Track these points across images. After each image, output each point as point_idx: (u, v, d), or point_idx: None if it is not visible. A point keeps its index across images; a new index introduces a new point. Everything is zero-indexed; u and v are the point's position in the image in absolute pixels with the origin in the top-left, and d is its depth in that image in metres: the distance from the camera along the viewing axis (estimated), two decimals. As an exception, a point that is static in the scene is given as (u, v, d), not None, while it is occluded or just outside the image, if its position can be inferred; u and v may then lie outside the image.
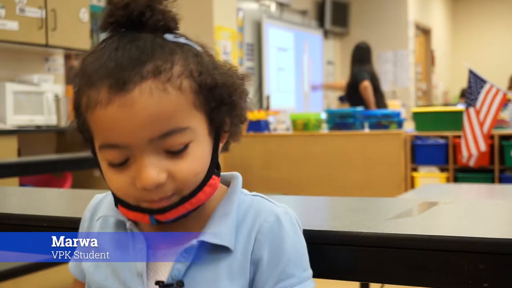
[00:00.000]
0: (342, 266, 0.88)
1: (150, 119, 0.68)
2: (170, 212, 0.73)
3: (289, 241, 0.76)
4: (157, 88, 0.68)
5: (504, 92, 4.12)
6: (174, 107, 0.69)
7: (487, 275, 0.79)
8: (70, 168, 3.78)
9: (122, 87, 0.67)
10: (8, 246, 1.20)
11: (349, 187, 4.63)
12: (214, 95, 0.74)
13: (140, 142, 0.69)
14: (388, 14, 9.07)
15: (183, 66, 0.71)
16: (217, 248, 0.74)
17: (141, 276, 0.75)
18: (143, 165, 0.69)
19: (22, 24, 3.98)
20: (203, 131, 0.74)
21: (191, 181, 0.72)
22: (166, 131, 0.69)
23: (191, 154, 0.71)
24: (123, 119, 0.67)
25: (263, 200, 0.80)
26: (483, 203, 1.41)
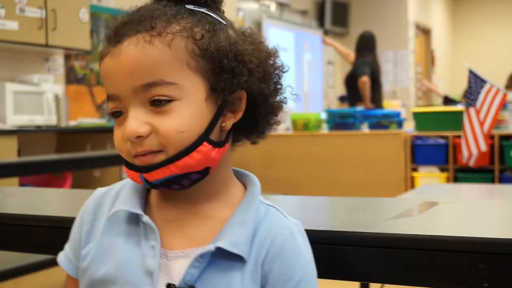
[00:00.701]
0: (342, 266, 0.88)
1: (132, 67, 0.71)
2: (156, 172, 0.72)
3: (303, 258, 0.76)
4: (144, 40, 0.71)
5: (504, 92, 4.12)
6: (158, 60, 0.71)
7: (487, 275, 0.79)
8: (70, 168, 3.78)
9: (117, 40, 0.73)
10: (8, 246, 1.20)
11: (349, 187, 4.63)
12: (215, 60, 0.74)
13: (126, 92, 0.72)
14: (388, 14, 9.07)
15: (183, 27, 0.73)
16: (232, 256, 0.73)
17: (151, 275, 0.73)
18: (129, 116, 0.72)
19: (22, 24, 3.98)
20: (198, 94, 0.73)
21: (174, 138, 0.71)
22: (148, 82, 0.71)
23: (176, 112, 0.71)
24: (112, 68, 0.73)
25: (278, 212, 0.79)
26: (483, 203, 1.41)
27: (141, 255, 0.75)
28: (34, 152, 4.23)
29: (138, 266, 0.74)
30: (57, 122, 4.31)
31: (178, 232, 0.76)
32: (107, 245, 0.77)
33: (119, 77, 0.72)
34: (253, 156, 4.96)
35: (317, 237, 0.87)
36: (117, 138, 0.75)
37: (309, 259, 0.77)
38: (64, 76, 4.77)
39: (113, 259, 0.76)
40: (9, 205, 1.43)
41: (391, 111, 5.18)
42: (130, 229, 0.77)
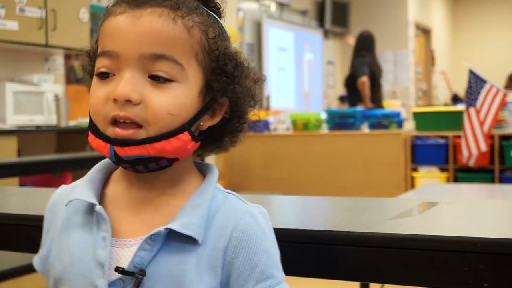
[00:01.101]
0: (342, 266, 0.88)
1: (148, 34, 0.71)
2: (130, 148, 0.71)
3: (267, 241, 0.75)
4: (168, 15, 0.72)
5: (504, 92, 4.13)
6: (175, 38, 0.72)
7: (487, 275, 0.79)
8: (70, 168, 3.78)
9: (139, 4, 0.72)
10: (8, 246, 1.20)
11: (349, 187, 4.63)
12: (219, 61, 0.76)
13: (131, 53, 0.71)
14: (388, 14, 9.07)
15: (202, 20, 0.75)
16: (185, 239, 0.72)
17: (102, 267, 0.72)
18: (123, 77, 0.71)
19: (22, 24, 3.98)
20: (195, 85, 0.75)
21: (162, 117, 0.71)
22: (159, 53, 0.71)
23: (172, 92, 0.72)
24: (125, 28, 0.72)
25: (237, 199, 0.79)
26: (483, 203, 1.41)
27: (93, 247, 0.74)
28: (34, 152, 4.23)
29: (90, 259, 0.74)
30: (57, 122, 4.31)
31: (133, 220, 0.76)
32: (64, 241, 0.78)
33: (129, 36, 0.71)
34: (253, 156, 4.97)
35: (317, 237, 0.87)
36: (96, 98, 0.73)
37: (272, 240, 0.77)
38: (64, 76, 4.77)
39: (68, 254, 0.76)
40: (9, 205, 1.43)
41: (391, 111, 5.18)
42: (84, 220, 0.77)
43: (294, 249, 0.85)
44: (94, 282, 0.73)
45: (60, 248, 0.78)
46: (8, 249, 1.19)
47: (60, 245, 0.78)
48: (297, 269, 0.79)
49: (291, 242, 0.82)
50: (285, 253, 0.84)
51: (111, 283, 0.72)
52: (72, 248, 0.76)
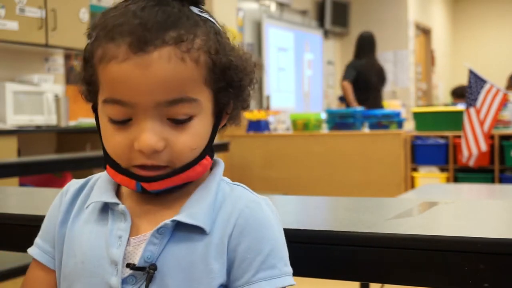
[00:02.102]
0: (342, 266, 0.88)
1: (162, 83, 0.69)
2: (158, 183, 0.73)
3: (272, 230, 0.75)
4: (176, 56, 0.69)
5: (504, 92, 4.12)
6: (188, 78, 0.70)
7: (487, 275, 0.79)
8: (70, 168, 3.78)
9: (142, 48, 0.68)
10: (8, 246, 1.20)
11: (349, 187, 4.63)
12: (226, 76, 0.75)
13: (148, 104, 0.69)
14: (388, 14, 9.06)
15: (204, 41, 0.72)
16: (193, 230, 0.72)
17: (116, 265, 0.73)
18: (146, 128, 0.70)
19: (22, 24, 3.98)
20: (209, 108, 0.74)
21: (186, 155, 0.72)
22: (175, 98, 0.70)
23: (192, 128, 0.72)
24: (137, 78, 0.68)
25: (244, 190, 0.79)
26: (483, 203, 1.41)
27: (106, 245, 0.75)
28: (34, 152, 4.23)
29: (103, 257, 0.74)
30: (57, 122, 4.30)
31: (145, 217, 0.76)
32: (75, 237, 0.78)
33: (142, 88, 0.69)
34: (253, 156, 4.96)
35: (317, 237, 0.87)
36: (119, 144, 0.72)
37: (278, 231, 0.76)
38: (64, 76, 4.77)
39: (79, 251, 0.76)
40: (9, 205, 1.43)
41: (391, 111, 5.18)
42: (98, 218, 0.78)
43: (294, 249, 0.84)
44: (107, 280, 0.73)
45: (70, 244, 0.78)
46: (8, 249, 1.19)
47: (70, 241, 0.79)
48: (297, 269, 0.78)
49: (291, 242, 0.82)
50: (285, 253, 0.84)
51: (123, 279, 0.73)
52: (84, 245, 0.76)
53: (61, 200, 0.83)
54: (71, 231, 0.79)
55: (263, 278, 0.72)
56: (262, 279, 0.72)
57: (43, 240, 0.83)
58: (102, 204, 0.78)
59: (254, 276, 0.72)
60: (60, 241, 0.80)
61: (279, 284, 0.73)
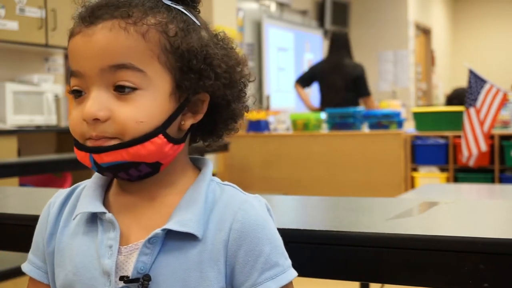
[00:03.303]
0: (342, 266, 0.88)
1: (103, 49, 0.72)
2: (106, 154, 0.72)
3: (268, 229, 0.74)
4: (119, 26, 0.72)
5: (504, 92, 4.12)
6: (130, 46, 0.72)
7: (487, 275, 0.79)
8: (70, 168, 3.78)
9: (92, 21, 0.73)
10: (8, 246, 1.20)
11: (349, 187, 4.63)
12: (184, 59, 0.74)
13: (92, 71, 0.72)
14: (388, 14, 9.06)
15: (158, 21, 0.74)
16: (185, 237, 0.72)
17: (108, 275, 0.72)
18: (89, 97, 0.72)
19: (22, 24, 3.98)
20: (163, 87, 0.74)
21: (130, 126, 0.71)
22: (117, 63, 0.71)
23: (138, 101, 0.72)
24: (82, 46, 0.73)
25: (234, 189, 0.78)
26: (483, 203, 1.41)
27: (97, 255, 0.74)
28: (34, 152, 4.23)
29: (95, 268, 0.74)
30: (57, 122, 4.31)
31: (134, 225, 0.76)
32: (65, 249, 0.78)
33: (87, 55, 0.72)
34: (253, 156, 4.96)
35: (317, 237, 0.87)
36: (73, 118, 0.74)
37: (273, 228, 0.76)
38: (64, 76, 4.77)
39: (70, 262, 0.76)
40: (9, 205, 1.43)
41: (391, 111, 5.17)
42: (86, 228, 0.77)
43: (294, 249, 0.84)
44: None
45: (61, 256, 0.78)
46: (8, 249, 1.19)
47: (61, 253, 0.78)
48: (297, 269, 0.78)
49: (291, 242, 0.82)
50: (285, 253, 0.84)
51: None
52: (75, 256, 0.76)
53: (48, 212, 0.83)
54: (60, 243, 0.79)
55: (269, 278, 0.72)
56: (268, 278, 0.72)
57: (35, 255, 0.82)
58: (90, 214, 0.77)
59: (259, 277, 0.72)
60: (50, 254, 0.80)
61: (284, 280, 0.73)
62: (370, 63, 8.87)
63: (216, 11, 5.74)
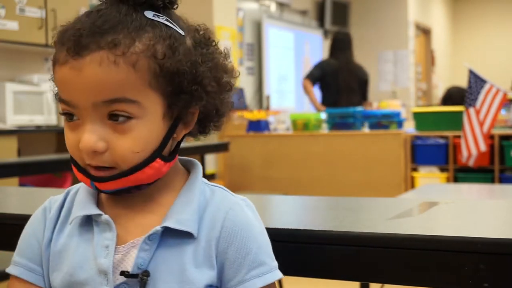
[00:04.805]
0: (342, 266, 0.88)
1: (94, 85, 0.71)
2: (108, 183, 0.74)
3: (256, 229, 0.78)
4: (108, 59, 0.70)
5: (504, 92, 4.12)
6: (122, 80, 0.71)
7: (487, 275, 0.79)
8: (70, 168, 3.76)
9: (78, 52, 0.71)
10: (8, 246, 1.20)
11: (349, 187, 4.63)
12: (175, 81, 0.74)
13: (86, 105, 0.72)
14: (388, 14, 9.06)
15: (146, 45, 0.72)
16: (181, 235, 0.75)
17: (106, 274, 0.74)
18: (85, 129, 0.72)
19: (22, 24, 3.98)
20: (156, 112, 0.74)
21: (128, 158, 0.73)
22: (110, 98, 0.71)
23: (134, 131, 0.72)
24: (72, 80, 0.72)
25: (224, 191, 0.82)
26: (483, 203, 1.41)
27: (93, 256, 0.75)
28: (34, 152, 4.23)
29: (91, 268, 0.75)
30: (57, 122, 4.31)
31: (129, 223, 0.77)
32: (61, 252, 0.78)
33: (79, 90, 0.72)
34: (253, 156, 4.96)
35: (317, 237, 0.87)
36: (69, 143, 0.75)
37: (262, 231, 0.79)
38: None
39: (67, 264, 0.77)
40: (9, 205, 1.43)
41: (391, 111, 5.17)
42: (82, 231, 0.78)
43: (294, 249, 0.85)
44: None
45: (57, 258, 0.79)
46: (8, 249, 1.19)
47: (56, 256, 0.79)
48: (297, 269, 0.79)
49: (291, 242, 0.82)
50: (285, 253, 0.84)
51: (115, 287, 0.74)
52: (71, 258, 0.77)
53: (45, 217, 0.83)
54: (55, 247, 0.79)
55: (255, 276, 0.75)
56: (255, 276, 0.75)
57: (27, 259, 0.81)
58: (85, 217, 0.78)
59: (246, 275, 0.75)
60: (46, 259, 0.80)
61: (270, 279, 0.76)
62: (370, 63, 8.88)
63: (216, 11, 5.73)
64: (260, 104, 6.87)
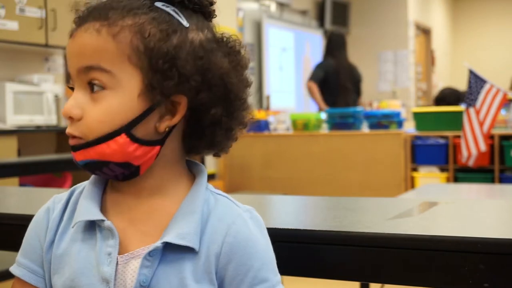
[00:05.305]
0: (342, 266, 0.88)
1: (79, 50, 0.76)
2: (77, 153, 0.76)
3: (260, 244, 0.76)
4: (93, 28, 0.75)
5: (504, 92, 4.12)
6: (100, 47, 0.74)
7: (487, 275, 0.79)
8: (70, 168, 3.77)
9: (78, 24, 0.77)
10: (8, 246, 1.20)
11: (349, 187, 4.63)
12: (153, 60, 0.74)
13: (72, 70, 0.77)
14: (388, 14, 9.06)
15: (134, 22, 0.75)
16: (182, 249, 0.73)
17: (107, 283, 0.73)
18: (72, 96, 0.77)
19: (22, 24, 3.98)
20: (132, 88, 0.74)
21: (93, 127, 0.74)
22: (87, 64, 0.74)
23: (104, 101, 0.74)
24: (68, 48, 0.78)
25: (228, 201, 0.79)
26: (483, 203, 1.41)
27: (96, 262, 0.75)
28: (34, 152, 4.23)
29: (94, 274, 0.74)
30: (57, 122, 4.31)
31: (130, 232, 0.76)
32: (63, 256, 0.78)
33: (70, 56, 0.77)
34: (253, 156, 4.96)
35: (317, 237, 0.87)
36: None
37: (265, 246, 0.77)
38: (64, 76, 4.77)
39: (69, 269, 0.76)
40: (9, 205, 1.43)
41: (391, 111, 5.17)
42: (85, 236, 0.78)
43: (294, 249, 0.85)
44: None
45: (58, 262, 0.78)
46: (8, 249, 1.19)
47: (58, 260, 0.78)
48: (297, 269, 0.79)
49: (291, 242, 0.82)
50: (285, 253, 0.84)
51: None
52: (73, 263, 0.76)
53: (47, 218, 0.82)
54: (58, 249, 0.79)
55: None
56: None
57: (28, 259, 0.82)
58: (88, 221, 0.78)
59: None
60: (47, 261, 0.80)
61: None
62: (370, 63, 8.89)
63: (216, 11, 5.73)
64: (260, 104, 6.87)
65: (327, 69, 5.56)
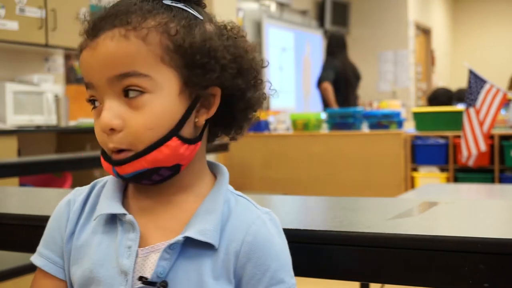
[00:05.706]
0: (342, 266, 0.88)
1: (107, 59, 0.73)
2: (126, 166, 0.74)
3: (278, 246, 0.77)
4: (119, 34, 0.73)
5: (504, 92, 4.12)
6: (132, 53, 0.73)
7: (487, 275, 0.79)
8: (70, 168, 3.78)
9: (94, 34, 0.75)
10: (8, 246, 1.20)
11: (349, 187, 4.63)
12: (187, 56, 0.74)
13: (101, 81, 0.74)
14: (388, 14, 9.06)
15: (158, 22, 0.74)
16: (202, 245, 0.74)
17: (126, 275, 0.74)
18: (104, 108, 0.74)
19: (22, 24, 3.97)
20: (171, 88, 0.74)
21: (142, 135, 0.73)
22: (122, 72, 0.73)
23: (147, 106, 0.73)
24: (89, 59, 0.75)
25: (248, 203, 0.80)
26: (483, 203, 1.41)
27: (115, 255, 0.75)
28: (34, 152, 4.23)
29: (113, 266, 0.75)
30: (57, 122, 4.31)
31: (151, 227, 0.77)
32: (82, 247, 0.78)
33: (95, 67, 0.74)
34: (253, 156, 4.96)
35: (317, 237, 0.87)
36: (96, 130, 0.76)
37: (283, 248, 0.78)
38: (64, 76, 4.77)
39: (88, 260, 0.77)
40: (9, 205, 1.43)
41: (391, 111, 5.17)
42: (106, 228, 0.78)
43: (294, 249, 0.84)
44: None
45: (78, 253, 0.79)
46: (8, 249, 1.19)
47: (78, 250, 0.79)
48: (297, 269, 0.78)
49: (291, 242, 0.82)
50: (285, 253, 0.84)
51: None
52: (93, 254, 0.77)
53: (68, 210, 0.83)
54: (78, 241, 0.79)
55: None
56: None
57: (49, 250, 0.82)
58: (110, 215, 0.78)
59: None
60: (67, 252, 0.80)
61: None
62: (370, 63, 8.88)
63: (216, 11, 5.71)
64: (260, 104, 6.85)
65: (336, 70, 5.63)
